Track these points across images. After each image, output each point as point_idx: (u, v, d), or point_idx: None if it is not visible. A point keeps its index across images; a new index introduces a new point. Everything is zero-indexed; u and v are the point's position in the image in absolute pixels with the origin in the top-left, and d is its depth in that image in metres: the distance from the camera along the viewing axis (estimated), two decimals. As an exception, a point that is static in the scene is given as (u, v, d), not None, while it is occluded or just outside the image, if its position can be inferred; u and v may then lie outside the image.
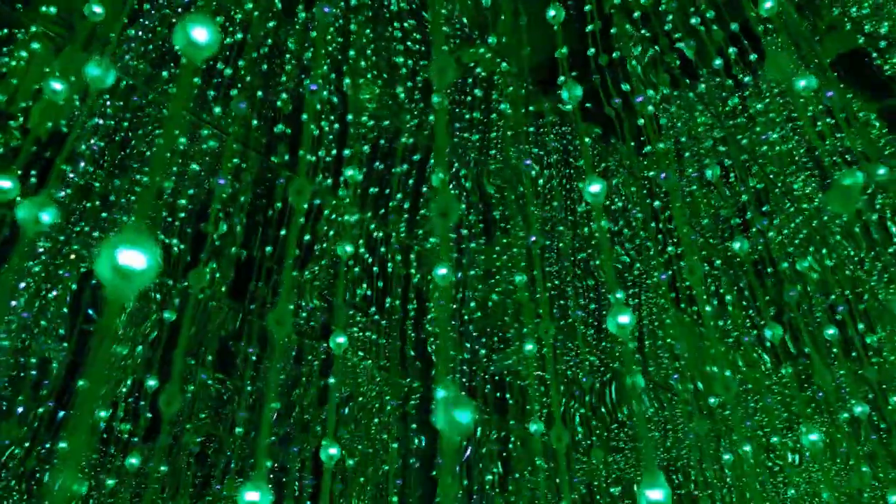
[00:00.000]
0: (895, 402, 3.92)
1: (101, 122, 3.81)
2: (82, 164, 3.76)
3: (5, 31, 4.03)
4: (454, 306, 5.19)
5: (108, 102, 3.85)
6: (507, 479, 5.69)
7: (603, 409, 5.40)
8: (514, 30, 4.60)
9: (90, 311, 4.25)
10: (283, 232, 3.99)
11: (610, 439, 5.37)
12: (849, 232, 5.08)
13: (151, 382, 2.68)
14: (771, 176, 4.00)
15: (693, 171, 4.15)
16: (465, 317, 5.30)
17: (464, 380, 5.60)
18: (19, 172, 1.36)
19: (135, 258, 0.65)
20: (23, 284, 3.95)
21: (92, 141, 3.78)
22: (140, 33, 3.80)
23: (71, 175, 3.83)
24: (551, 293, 4.69)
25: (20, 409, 4.02)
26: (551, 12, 2.13)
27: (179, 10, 3.74)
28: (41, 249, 3.95)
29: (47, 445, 4.09)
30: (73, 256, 4.02)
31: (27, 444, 4.09)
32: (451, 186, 5.11)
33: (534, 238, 2.35)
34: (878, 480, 4.51)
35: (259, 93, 3.81)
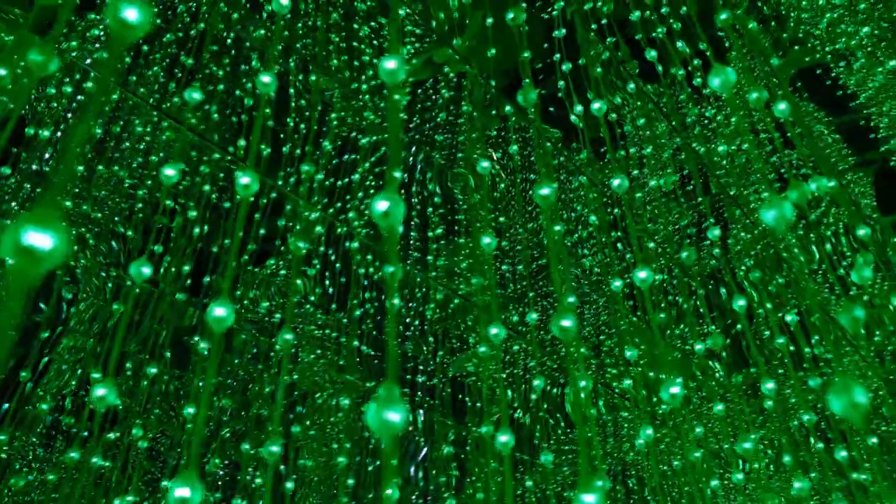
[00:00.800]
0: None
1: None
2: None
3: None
4: (413, 306, 5.18)
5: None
6: (463, 482, 5.70)
7: (559, 414, 5.45)
8: (482, 33, 4.62)
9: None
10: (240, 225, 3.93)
11: (564, 443, 5.42)
12: (803, 245, 5.21)
13: (96, 375, 2.62)
14: (727, 187, 4.08)
15: (653, 179, 4.21)
16: (427, 317, 5.30)
17: (422, 380, 5.60)
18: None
19: (41, 239, 0.63)
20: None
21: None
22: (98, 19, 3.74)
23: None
24: (512, 295, 4.72)
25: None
26: (510, 14, 2.15)
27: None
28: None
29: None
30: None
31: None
32: (414, 187, 5.11)
33: (487, 240, 2.35)
34: (823, 488, 4.62)
35: (220, 86, 3.77)
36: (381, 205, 1.33)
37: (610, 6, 3.42)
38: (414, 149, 5.30)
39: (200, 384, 3.86)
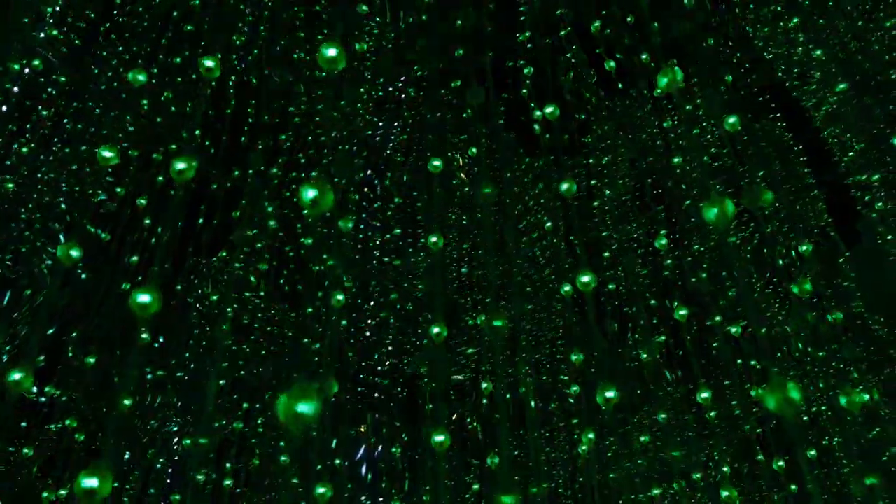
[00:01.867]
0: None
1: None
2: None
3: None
4: (367, 307, 5.15)
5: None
6: (416, 483, 5.67)
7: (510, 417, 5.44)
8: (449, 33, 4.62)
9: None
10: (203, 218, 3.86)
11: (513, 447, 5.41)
12: (755, 259, 5.31)
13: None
14: (681, 199, 4.14)
15: (608, 188, 4.25)
16: (381, 317, 5.26)
17: (376, 380, 5.56)
18: None
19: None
20: None
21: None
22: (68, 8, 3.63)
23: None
24: (464, 299, 4.71)
25: None
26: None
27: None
28: None
29: None
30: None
31: None
32: (369, 186, 5.07)
33: (434, 239, 2.34)
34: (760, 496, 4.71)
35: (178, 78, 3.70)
36: (310, 193, 1.30)
37: (570, 14, 3.44)
38: (377, 147, 5.27)
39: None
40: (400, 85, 5.31)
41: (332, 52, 1.46)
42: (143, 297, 1.44)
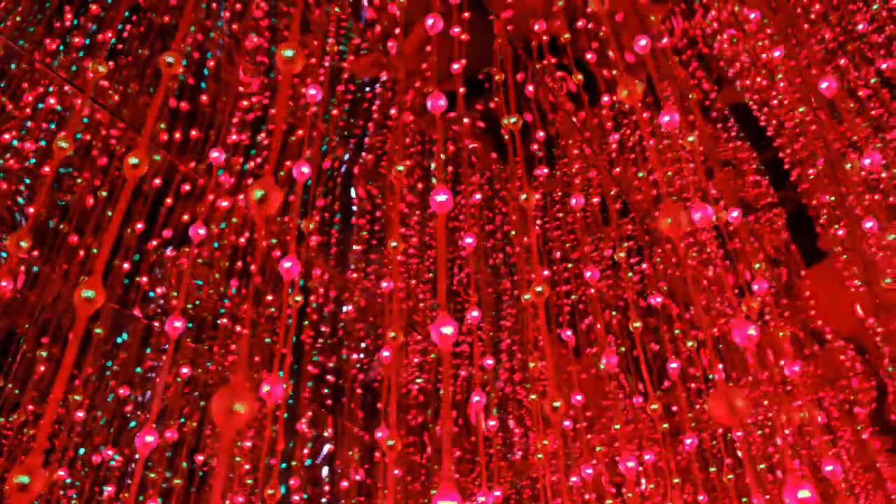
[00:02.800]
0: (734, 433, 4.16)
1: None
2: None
3: None
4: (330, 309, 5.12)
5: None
6: (370, 485, 5.66)
7: (464, 424, 5.48)
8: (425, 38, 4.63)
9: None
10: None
11: (466, 452, 5.44)
12: (715, 274, 5.40)
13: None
14: (644, 214, 4.20)
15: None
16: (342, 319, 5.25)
17: (340, 382, 5.54)
18: None
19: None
20: None
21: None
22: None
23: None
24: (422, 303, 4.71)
25: None
26: (429, 21, 2.15)
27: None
28: None
29: None
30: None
31: None
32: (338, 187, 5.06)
33: (395, 244, 2.34)
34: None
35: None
36: (257, 191, 1.30)
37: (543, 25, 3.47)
38: (341, 147, 5.25)
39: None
40: (377, 87, 5.31)
41: (288, 52, 1.47)
42: (87, 292, 1.42)
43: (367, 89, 5.26)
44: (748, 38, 4.23)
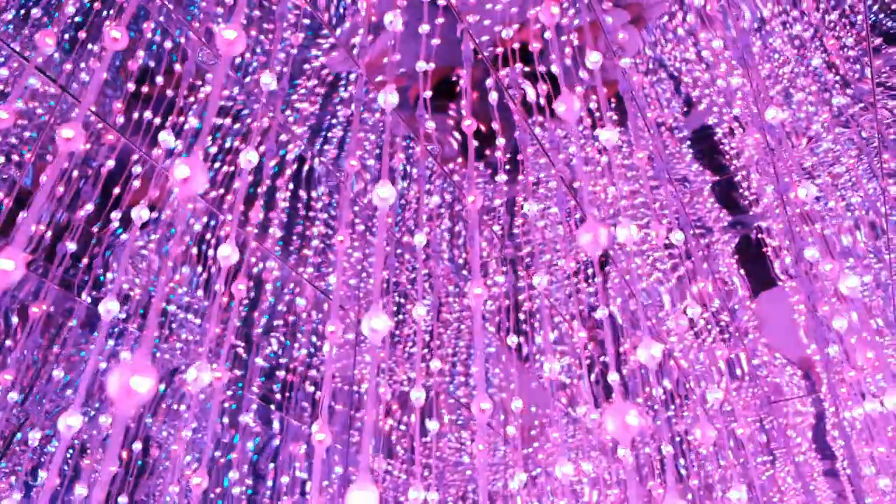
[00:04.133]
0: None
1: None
2: None
3: None
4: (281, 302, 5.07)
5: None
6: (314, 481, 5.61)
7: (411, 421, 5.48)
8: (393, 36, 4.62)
9: None
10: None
11: (413, 454, 5.44)
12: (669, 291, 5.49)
13: None
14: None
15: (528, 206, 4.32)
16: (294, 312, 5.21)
17: (287, 376, 5.49)
18: None
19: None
20: None
21: None
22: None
23: None
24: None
25: None
26: (388, 19, 2.14)
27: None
28: None
29: None
30: None
31: None
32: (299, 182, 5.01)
33: (341, 238, 2.33)
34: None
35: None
36: (182, 170, 1.28)
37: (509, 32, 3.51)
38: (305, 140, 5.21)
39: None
40: (344, 82, 5.28)
41: (230, 34, 1.45)
42: (6, 265, 1.39)
43: (341, 84, 5.24)
44: (711, 68, 4.32)
